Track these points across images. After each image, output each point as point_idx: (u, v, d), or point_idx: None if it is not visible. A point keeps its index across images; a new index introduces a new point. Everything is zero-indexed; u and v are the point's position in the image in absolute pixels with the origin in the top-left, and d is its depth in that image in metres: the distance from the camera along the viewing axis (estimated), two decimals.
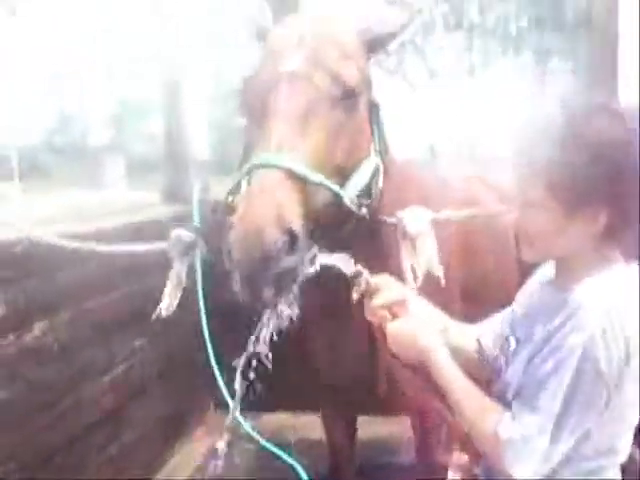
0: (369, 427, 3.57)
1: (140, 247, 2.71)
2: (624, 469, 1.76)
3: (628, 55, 4.08)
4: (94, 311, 3.33)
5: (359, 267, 1.88)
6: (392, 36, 2.34)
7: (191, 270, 2.48)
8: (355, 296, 1.89)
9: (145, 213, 4.14)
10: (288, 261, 1.69)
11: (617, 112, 1.71)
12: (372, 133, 2.27)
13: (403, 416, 3.04)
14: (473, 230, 2.89)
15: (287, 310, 1.80)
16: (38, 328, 2.85)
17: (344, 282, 1.89)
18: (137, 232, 3.75)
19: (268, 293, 1.72)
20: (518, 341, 1.82)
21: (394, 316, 1.86)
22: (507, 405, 1.72)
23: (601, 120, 1.66)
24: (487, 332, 2.04)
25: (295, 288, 1.77)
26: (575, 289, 1.66)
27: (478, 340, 2.04)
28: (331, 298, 2.06)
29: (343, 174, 2.04)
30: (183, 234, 2.41)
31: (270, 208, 1.70)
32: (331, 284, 1.91)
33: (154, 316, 2.43)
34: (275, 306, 1.78)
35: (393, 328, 1.84)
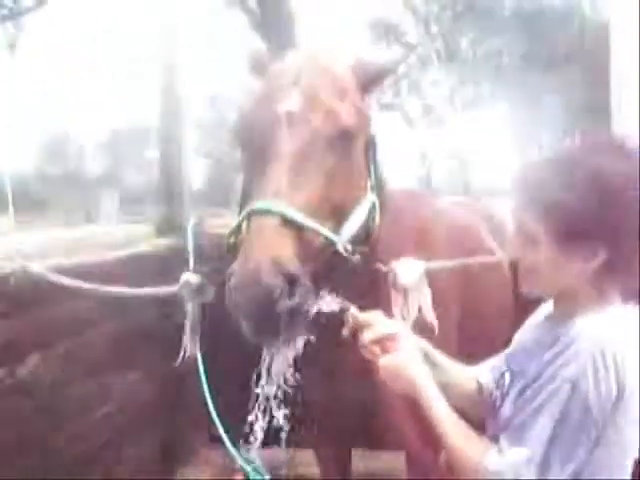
0: (363, 461, 3.53)
1: (148, 291, 2.73)
2: None
3: (620, 88, 4.11)
4: (87, 345, 3.31)
5: (345, 303, 1.91)
6: (388, 72, 2.36)
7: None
8: (345, 332, 1.90)
9: (140, 246, 4.12)
10: (289, 303, 1.72)
11: (614, 147, 1.72)
12: (368, 170, 2.27)
13: (398, 451, 3.01)
14: (470, 271, 2.90)
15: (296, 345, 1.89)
16: (31, 362, 2.83)
17: (338, 316, 1.91)
18: (132, 265, 3.75)
19: (277, 333, 1.77)
20: (512, 375, 1.82)
21: (385, 351, 1.85)
22: (497, 439, 1.71)
23: (597, 155, 1.68)
24: (486, 372, 2.03)
25: (302, 326, 1.83)
26: (570, 324, 1.67)
27: (477, 380, 2.03)
28: (326, 332, 2.06)
29: (340, 215, 2.05)
30: (191, 278, 2.45)
31: (267, 254, 1.73)
32: (325, 318, 1.92)
33: (179, 360, 2.48)
34: (284, 344, 1.84)
35: (384, 362, 1.83)
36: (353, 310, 1.90)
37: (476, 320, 2.99)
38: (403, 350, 1.83)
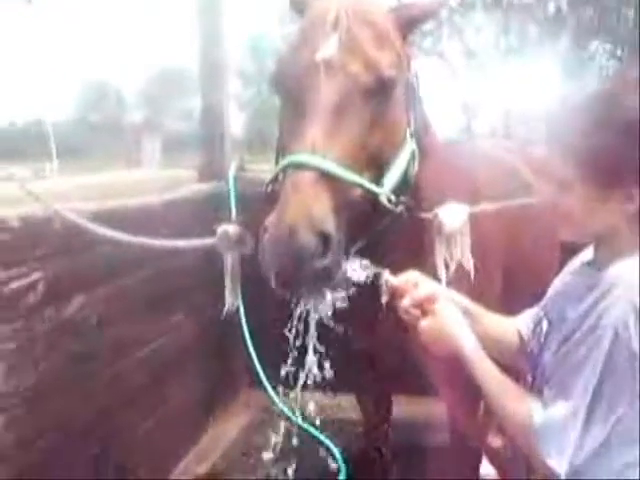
0: (405, 407, 3.55)
1: (184, 244, 2.73)
2: None
3: None
4: (131, 286, 3.35)
5: (378, 270, 1.91)
6: (430, 14, 2.30)
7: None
8: (384, 299, 1.91)
9: (181, 190, 4.14)
10: (322, 261, 1.71)
11: None
12: (408, 117, 2.21)
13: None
14: (516, 214, 2.84)
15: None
16: (76, 302, 2.88)
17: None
18: (174, 209, 3.78)
19: (306, 291, 1.79)
20: (550, 323, 1.80)
21: (424, 313, 1.85)
22: (540, 391, 1.71)
23: (629, 95, 1.61)
24: (526, 321, 2.01)
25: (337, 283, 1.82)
26: (609, 269, 1.64)
27: (519, 331, 2.01)
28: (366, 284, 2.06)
29: (379, 165, 2.01)
30: (230, 229, 2.42)
31: (302, 211, 1.71)
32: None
33: (224, 314, 2.49)
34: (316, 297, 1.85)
35: (424, 326, 1.84)
36: (387, 276, 1.91)
37: (522, 264, 2.96)
38: (441, 311, 1.84)
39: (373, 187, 1.95)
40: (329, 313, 1.91)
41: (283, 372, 2.06)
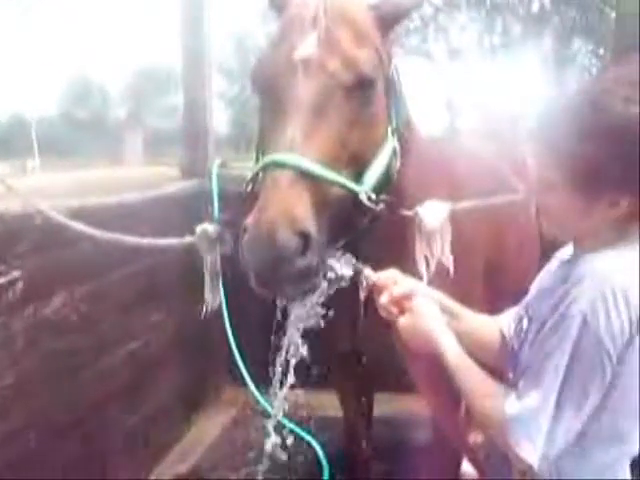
0: (386, 404, 3.56)
1: (164, 242, 2.71)
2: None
3: None
4: (113, 285, 3.34)
5: (358, 265, 1.91)
6: (410, 10, 2.30)
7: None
8: (362, 294, 1.92)
9: (164, 188, 4.12)
10: (303, 261, 1.71)
11: (630, 86, 1.58)
12: (389, 113, 2.20)
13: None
14: (496, 212, 2.85)
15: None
16: (57, 300, 2.86)
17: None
18: (157, 206, 3.76)
19: (289, 291, 1.79)
20: (530, 320, 1.80)
21: (402, 311, 1.86)
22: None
23: (613, 97, 1.58)
24: (508, 320, 2.02)
25: (317, 283, 1.82)
26: (580, 261, 1.65)
27: (501, 330, 2.02)
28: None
29: (360, 163, 2.01)
30: (209, 229, 2.41)
31: (282, 210, 1.71)
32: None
33: (203, 314, 2.48)
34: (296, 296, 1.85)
35: (402, 323, 1.85)
36: (367, 272, 1.91)
37: (505, 262, 2.97)
38: (419, 307, 1.84)
39: (353, 185, 1.94)
40: (310, 311, 1.91)
41: (266, 370, 2.05)
